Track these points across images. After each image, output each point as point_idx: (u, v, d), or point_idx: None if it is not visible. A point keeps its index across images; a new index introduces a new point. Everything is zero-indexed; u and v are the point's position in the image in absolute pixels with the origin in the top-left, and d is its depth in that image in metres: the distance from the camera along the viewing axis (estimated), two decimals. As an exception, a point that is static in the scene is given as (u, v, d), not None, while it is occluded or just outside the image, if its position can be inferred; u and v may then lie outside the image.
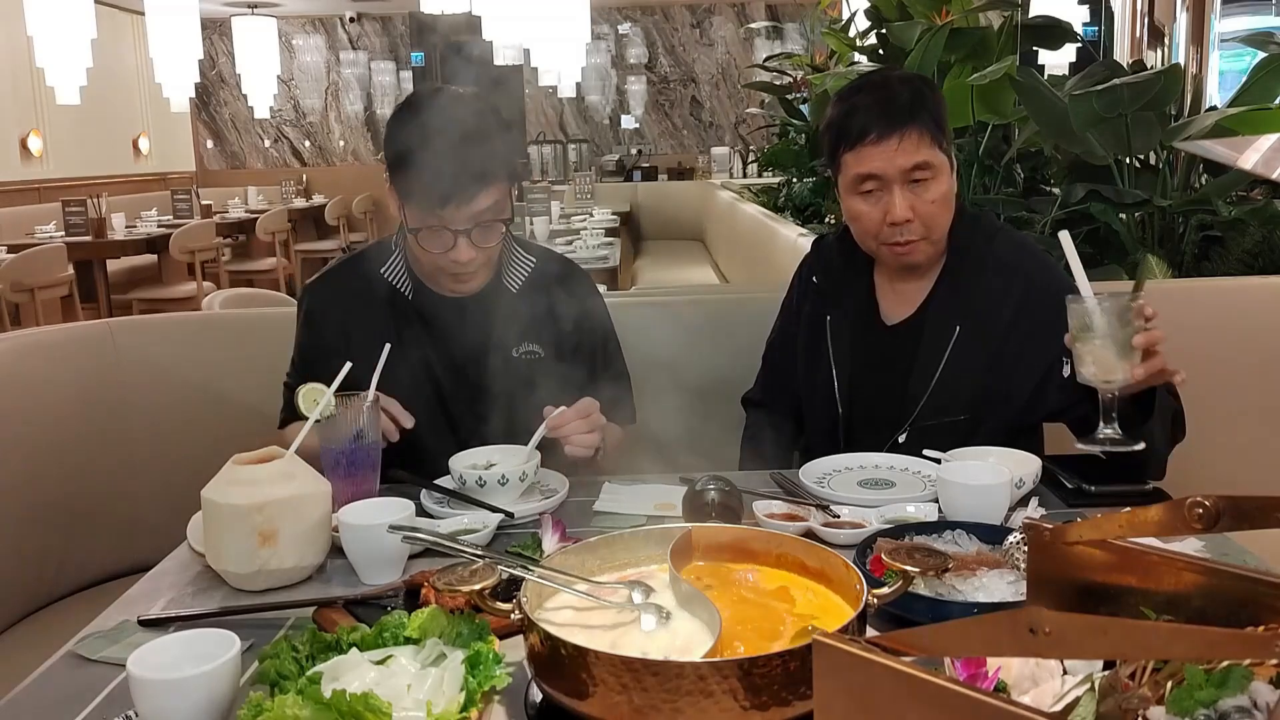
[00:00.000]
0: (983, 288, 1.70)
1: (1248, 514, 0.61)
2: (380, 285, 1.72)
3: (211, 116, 11.27)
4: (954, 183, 1.68)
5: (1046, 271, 1.72)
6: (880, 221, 1.66)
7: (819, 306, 1.83)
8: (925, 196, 1.64)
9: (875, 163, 1.63)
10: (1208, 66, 4.15)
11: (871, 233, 1.69)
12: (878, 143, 1.62)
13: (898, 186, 1.63)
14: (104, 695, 1.02)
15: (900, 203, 1.63)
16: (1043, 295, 1.65)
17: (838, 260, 1.84)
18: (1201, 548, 1.22)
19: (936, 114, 1.65)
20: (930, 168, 1.63)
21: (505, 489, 1.48)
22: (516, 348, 1.73)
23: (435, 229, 1.59)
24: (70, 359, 2.01)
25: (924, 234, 1.66)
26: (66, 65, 5.59)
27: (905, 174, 1.62)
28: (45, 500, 1.90)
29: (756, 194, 6.76)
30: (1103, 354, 1.37)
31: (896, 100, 1.63)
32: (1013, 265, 1.71)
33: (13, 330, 3.28)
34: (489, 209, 1.59)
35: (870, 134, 1.62)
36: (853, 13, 4.76)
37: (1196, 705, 0.61)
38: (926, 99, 1.65)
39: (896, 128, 1.61)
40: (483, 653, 0.94)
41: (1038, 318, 1.65)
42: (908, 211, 1.63)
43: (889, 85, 1.67)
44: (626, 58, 11.17)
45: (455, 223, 1.58)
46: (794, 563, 1.08)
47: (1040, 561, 0.76)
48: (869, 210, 1.67)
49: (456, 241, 1.59)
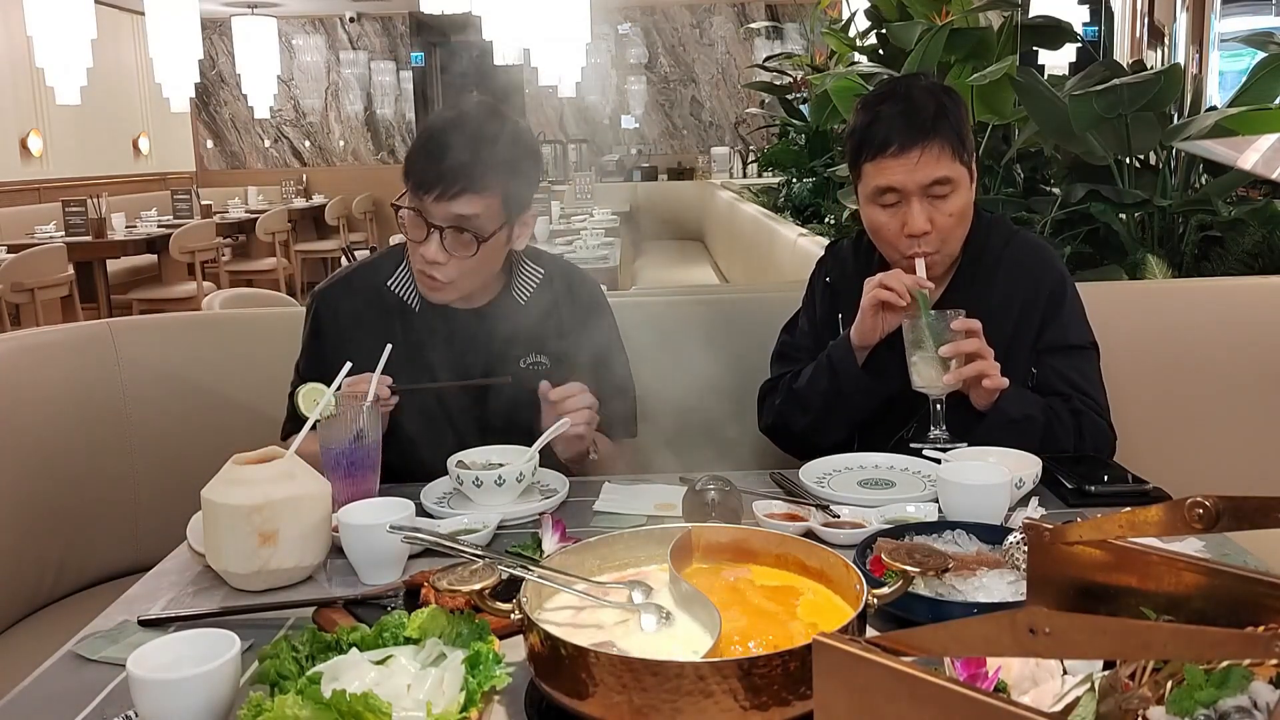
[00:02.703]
0: (996, 289, 1.72)
1: (1248, 514, 0.61)
2: (388, 296, 1.73)
3: (211, 116, 11.27)
4: (973, 193, 1.70)
5: (1058, 284, 1.75)
6: (899, 233, 1.67)
7: (833, 307, 1.84)
8: (943, 210, 1.65)
9: (895, 175, 1.63)
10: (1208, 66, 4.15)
11: (890, 243, 1.70)
12: (898, 155, 1.62)
13: (916, 199, 1.64)
14: (104, 695, 1.02)
15: (919, 216, 1.64)
16: (1040, 292, 1.71)
17: (852, 263, 1.85)
18: (1201, 548, 1.22)
19: (959, 126, 1.65)
20: (950, 182, 1.63)
21: (503, 489, 1.48)
22: (523, 359, 1.73)
23: (413, 213, 1.60)
24: (70, 359, 2.01)
25: (940, 246, 1.68)
26: (66, 65, 5.59)
27: (924, 188, 1.63)
28: (45, 500, 1.90)
29: (756, 194, 6.76)
30: (923, 365, 1.60)
31: (920, 112, 1.63)
32: (1025, 265, 1.73)
33: (13, 330, 3.28)
34: (468, 218, 1.58)
35: (891, 146, 1.63)
36: (853, 13, 4.76)
37: (1196, 705, 0.61)
38: (949, 111, 1.65)
39: (918, 141, 1.61)
40: (483, 653, 0.94)
41: (1041, 322, 1.71)
42: (926, 224, 1.64)
43: (912, 96, 1.66)
44: (626, 58, 11.16)
45: (431, 214, 1.59)
46: (794, 563, 1.08)
47: (1040, 561, 0.76)
48: (888, 222, 1.68)
49: (429, 234, 1.59)
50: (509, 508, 1.47)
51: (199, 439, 1.99)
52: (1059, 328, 1.73)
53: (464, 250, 1.61)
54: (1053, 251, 1.82)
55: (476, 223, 1.60)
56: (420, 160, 1.59)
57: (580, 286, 1.84)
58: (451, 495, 1.54)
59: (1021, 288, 1.72)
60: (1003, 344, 1.67)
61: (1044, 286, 1.73)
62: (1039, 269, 1.75)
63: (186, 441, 2.04)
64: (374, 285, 1.74)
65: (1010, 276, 1.73)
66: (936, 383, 1.59)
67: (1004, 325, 1.69)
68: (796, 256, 3.78)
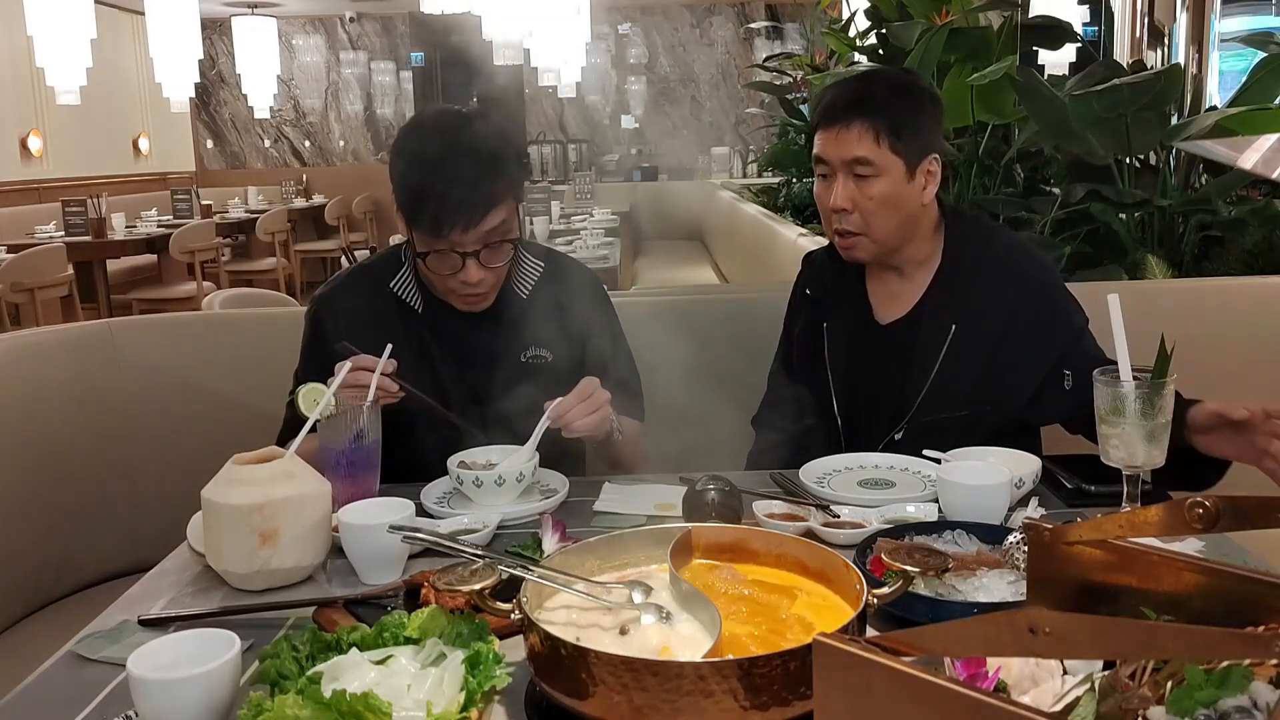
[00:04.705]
0: (980, 288, 1.71)
1: (1248, 514, 0.61)
2: (389, 298, 1.72)
3: (211, 116, 11.27)
4: (916, 189, 1.69)
5: (1043, 271, 1.76)
6: (827, 206, 1.72)
7: (815, 315, 1.85)
8: (865, 192, 1.68)
9: (823, 147, 1.71)
10: (1208, 66, 4.15)
11: (823, 215, 1.76)
12: (827, 128, 1.70)
13: (841, 175, 1.69)
14: (104, 695, 1.02)
15: (839, 191, 1.69)
16: (1039, 295, 1.71)
17: (829, 267, 1.86)
18: (1201, 548, 1.22)
19: (900, 115, 1.67)
20: (870, 165, 1.66)
21: (502, 489, 1.48)
22: (525, 353, 1.73)
23: (443, 252, 1.58)
24: (70, 359, 2.01)
25: (863, 229, 1.70)
26: (66, 65, 5.58)
27: (846, 164, 1.68)
28: (45, 500, 1.90)
29: (756, 194, 6.76)
30: (1131, 438, 1.29)
31: (859, 93, 1.68)
32: (1010, 265, 1.73)
33: (13, 330, 3.28)
34: (496, 229, 1.59)
35: (826, 118, 1.70)
36: (853, 13, 4.75)
37: (1196, 705, 0.61)
38: (892, 99, 1.68)
39: (842, 118, 1.67)
40: (483, 653, 0.94)
41: (1037, 318, 1.69)
42: (845, 201, 1.68)
43: (864, 79, 1.74)
44: (626, 58, 11.16)
45: (462, 245, 1.57)
46: (794, 563, 1.08)
47: (1040, 561, 0.76)
48: (821, 193, 1.74)
49: (465, 263, 1.59)
50: (509, 508, 1.47)
51: (199, 439, 1.99)
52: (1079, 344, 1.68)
53: (501, 259, 1.63)
54: (1032, 250, 1.82)
55: (505, 228, 1.60)
56: (428, 204, 1.55)
57: (579, 277, 1.84)
58: (451, 495, 1.54)
59: (1012, 285, 1.70)
60: (992, 342, 1.68)
61: (1031, 284, 1.71)
62: (1033, 269, 1.74)
63: (186, 441, 2.04)
64: (374, 287, 1.73)
65: (995, 274, 1.72)
66: (1143, 459, 1.30)
67: (993, 322, 1.69)
68: (796, 256, 3.75)
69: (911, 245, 1.74)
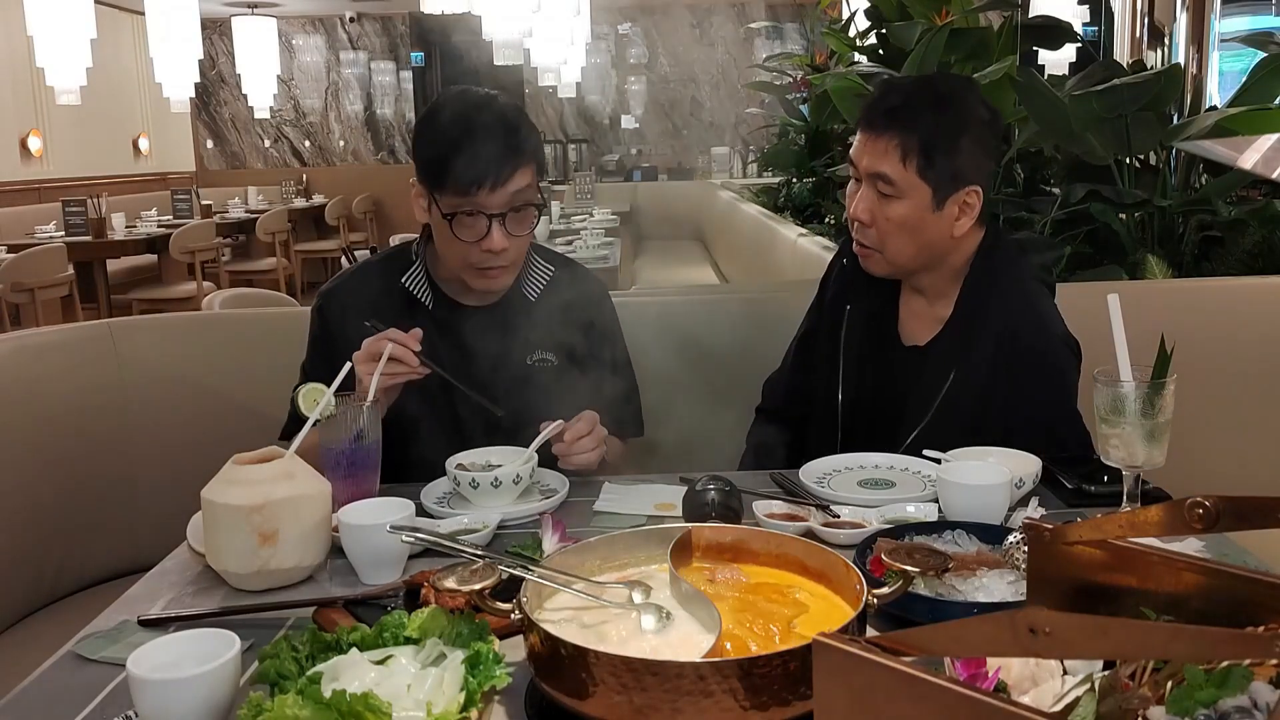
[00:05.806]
0: (982, 347, 1.63)
1: (1248, 514, 0.61)
2: (398, 293, 1.72)
3: (211, 116, 11.27)
4: (938, 220, 1.60)
5: (1038, 335, 1.65)
6: (849, 212, 1.68)
7: (843, 292, 1.80)
8: (884, 210, 1.62)
9: (855, 148, 1.65)
10: (1208, 66, 4.15)
11: (849, 218, 1.70)
12: (861, 130, 1.65)
13: (866, 185, 1.64)
14: (104, 695, 1.02)
15: (860, 201, 1.64)
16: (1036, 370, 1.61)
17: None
18: (1201, 548, 1.22)
19: (933, 135, 1.57)
20: (891, 183, 1.59)
21: (500, 491, 1.48)
22: (530, 356, 1.73)
23: (470, 214, 1.59)
24: (70, 359, 2.01)
25: (878, 246, 1.65)
26: (66, 65, 5.58)
27: (870, 176, 1.62)
28: (45, 500, 1.90)
29: (756, 194, 6.75)
30: (1131, 438, 1.28)
31: (893, 101, 1.62)
32: (1009, 334, 1.62)
33: (13, 330, 3.28)
34: (522, 191, 1.60)
35: (861, 120, 1.65)
36: (853, 13, 4.75)
37: (1196, 705, 0.61)
38: (930, 115, 1.58)
39: (874, 126, 1.61)
40: (483, 653, 0.94)
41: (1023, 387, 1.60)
42: (864, 214, 1.63)
43: (914, 85, 1.68)
44: (626, 58, 11.17)
45: (490, 206, 1.58)
46: (794, 563, 1.08)
47: (1040, 561, 0.76)
48: (849, 195, 1.69)
49: (491, 228, 1.59)
50: (508, 508, 1.47)
51: (199, 439, 1.99)
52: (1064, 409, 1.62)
53: (525, 227, 1.64)
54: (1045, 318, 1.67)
55: (530, 194, 1.62)
56: (459, 160, 1.56)
57: (588, 284, 1.84)
58: (451, 495, 1.54)
59: (1003, 350, 1.62)
60: (982, 398, 1.61)
61: (1030, 356, 1.61)
62: (1030, 333, 1.63)
63: (186, 442, 2.04)
64: (383, 283, 1.73)
65: (997, 332, 1.62)
66: (1143, 459, 1.29)
67: (985, 379, 1.61)
68: (796, 256, 3.78)
69: (935, 274, 1.68)
